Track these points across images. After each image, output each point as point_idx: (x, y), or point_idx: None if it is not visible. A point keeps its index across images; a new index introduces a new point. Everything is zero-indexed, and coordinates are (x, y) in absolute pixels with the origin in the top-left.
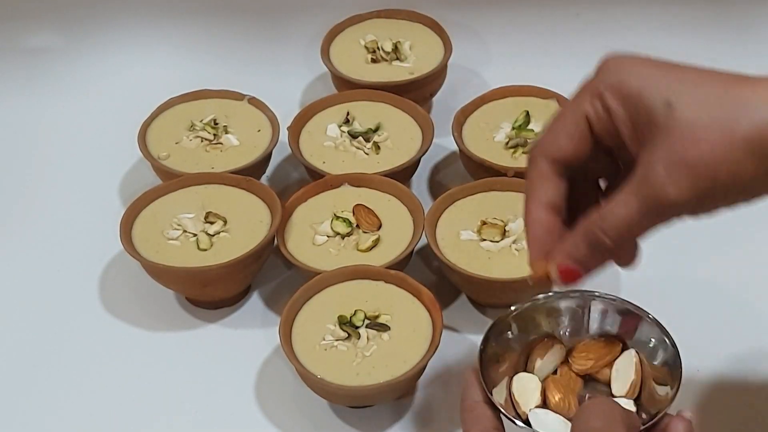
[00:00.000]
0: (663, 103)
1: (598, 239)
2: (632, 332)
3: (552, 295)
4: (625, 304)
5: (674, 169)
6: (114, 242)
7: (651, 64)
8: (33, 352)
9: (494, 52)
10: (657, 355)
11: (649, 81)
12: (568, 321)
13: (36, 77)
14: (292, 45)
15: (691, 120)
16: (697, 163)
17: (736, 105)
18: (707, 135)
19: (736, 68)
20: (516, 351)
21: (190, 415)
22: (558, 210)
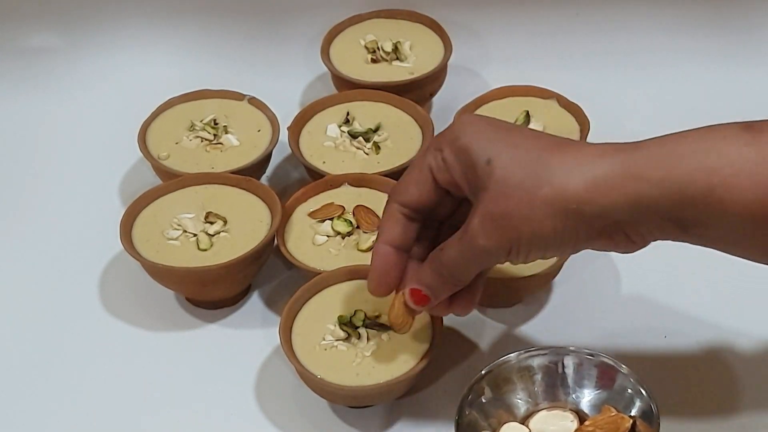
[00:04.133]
0: (484, 160)
1: (439, 271)
2: (610, 384)
3: (524, 353)
4: (600, 357)
5: (485, 222)
6: (114, 242)
7: (486, 124)
8: (33, 352)
9: (494, 52)
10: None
11: (477, 138)
12: (542, 378)
13: (36, 77)
14: (292, 45)
15: (503, 178)
16: (503, 219)
17: (542, 169)
18: (514, 194)
19: (735, 68)
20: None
21: (190, 415)
22: (403, 248)
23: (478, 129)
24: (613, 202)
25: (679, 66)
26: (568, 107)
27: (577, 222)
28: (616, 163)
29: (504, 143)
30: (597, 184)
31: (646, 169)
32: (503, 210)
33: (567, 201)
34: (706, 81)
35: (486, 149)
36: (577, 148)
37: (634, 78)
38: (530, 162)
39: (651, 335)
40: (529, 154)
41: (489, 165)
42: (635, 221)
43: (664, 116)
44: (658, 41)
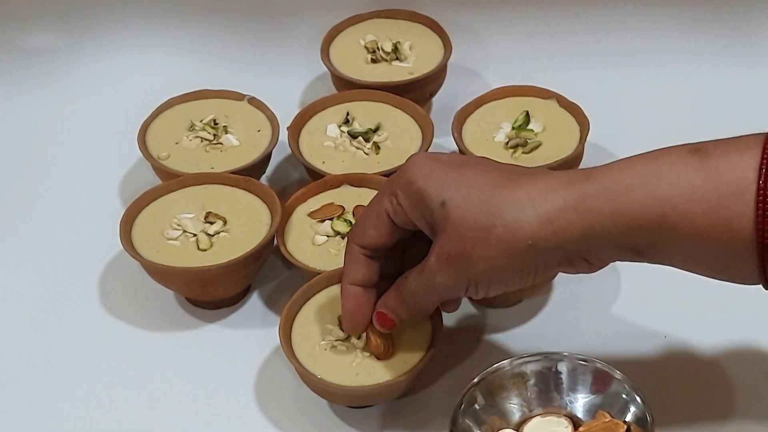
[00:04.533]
0: (439, 203)
1: (403, 299)
2: (603, 390)
3: (517, 359)
4: (594, 363)
5: (441, 261)
6: (114, 242)
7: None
8: (33, 352)
9: (494, 52)
10: (628, 411)
11: (430, 181)
12: (536, 383)
13: (36, 77)
14: (292, 45)
15: (458, 219)
16: (459, 258)
17: (495, 207)
18: (468, 234)
19: (735, 68)
20: (488, 420)
21: (190, 415)
22: (369, 284)
23: (430, 171)
24: (568, 237)
25: (679, 66)
26: (568, 107)
27: (533, 257)
28: (567, 196)
29: (456, 184)
30: (550, 220)
31: (597, 201)
32: (459, 250)
33: (521, 239)
34: (706, 81)
35: (440, 192)
36: (530, 182)
37: (634, 78)
38: (483, 201)
39: (651, 336)
40: (483, 193)
41: (443, 207)
42: (591, 249)
43: (663, 116)
44: (658, 41)
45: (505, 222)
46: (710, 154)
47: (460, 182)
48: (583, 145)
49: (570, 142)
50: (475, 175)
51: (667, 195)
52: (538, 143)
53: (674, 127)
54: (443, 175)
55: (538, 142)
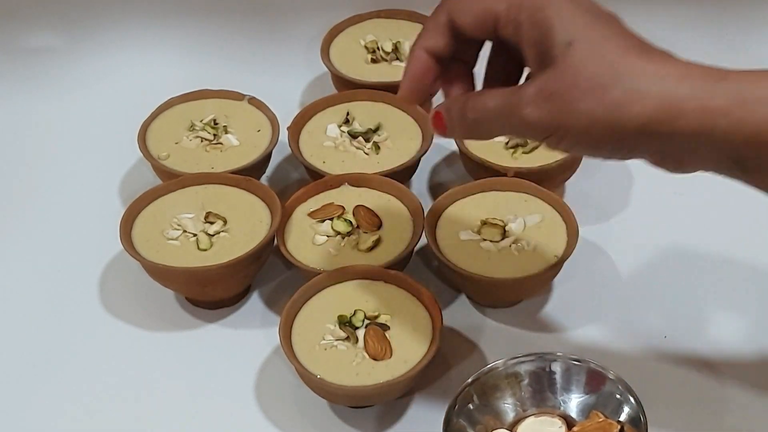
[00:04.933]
0: (565, 41)
1: (464, 110)
2: (597, 390)
3: (511, 360)
4: (587, 363)
5: (541, 96)
6: (114, 242)
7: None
8: (33, 352)
9: None
10: (621, 411)
11: (561, 15)
12: (530, 384)
13: (36, 77)
14: (292, 45)
15: (578, 64)
16: (562, 101)
17: (621, 70)
18: (584, 84)
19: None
20: (482, 420)
21: (190, 414)
22: (438, 58)
23: (566, 5)
24: (682, 129)
25: None
26: None
27: (636, 137)
28: (698, 90)
29: (589, 30)
30: (672, 107)
31: (726, 103)
32: (565, 94)
33: (635, 114)
34: None
35: (569, 30)
36: (663, 60)
37: None
38: (611, 58)
39: (651, 335)
40: (614, 49)
41: (568, 47)
42: (697, 150)
43: None
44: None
45: (626, 89)
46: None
47: (594, 30)
48: None
49: None
50: (609, 29)
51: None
52: (538, 143)
53: None
54: (577, 16)
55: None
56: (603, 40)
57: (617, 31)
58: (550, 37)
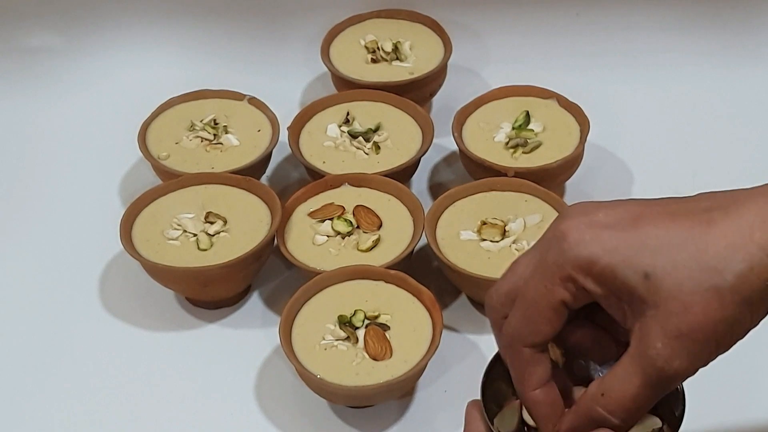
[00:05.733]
0: (641, 277)
1: (603, 418)
2: None
3: None
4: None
5: (674, 342)
6: (114, 242)
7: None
8: (33, 352)
9: (494, 52)
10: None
11: (618, 255)
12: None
13: (36, 77)
14: (292, 45)
15: (675, 289)
16: (695, 331)
17: (713, 257)
18: (696, 300)
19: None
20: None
21: (190, 415)
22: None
23: (607, 242)
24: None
25: (679, 66)
26: (568, 107)
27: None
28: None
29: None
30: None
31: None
32: (692, 322)
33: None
34: (706, 81)
35: (635, 264)
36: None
37: (634, 78)
38: (694, 257)
39: None
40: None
41: (648, 280)
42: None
43: (664, 116)
44: (658, 41)
45: (734, 271)
46: None
47: (650, 244)
48: (583, 145)
49: (570, 142)
50: (657, 229)
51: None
52: (538, 143)
53: (674, 127)
54: (625, 242)
55: (538, 142)
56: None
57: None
58: (621, 283)
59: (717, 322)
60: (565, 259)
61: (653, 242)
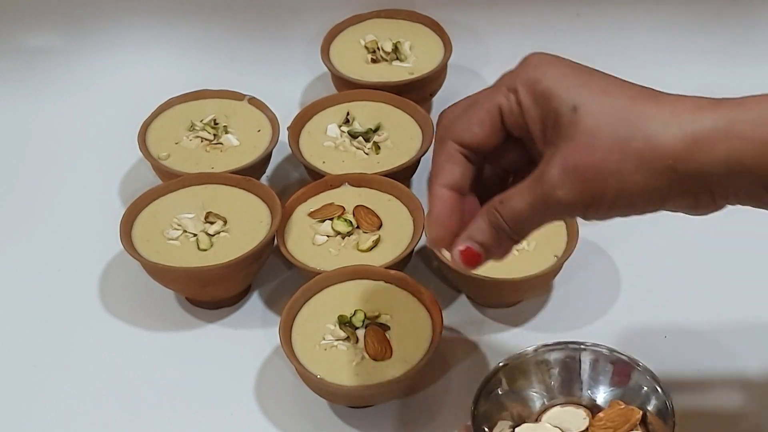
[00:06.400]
0: (570, 107)
1: (498, 223)
2: (625, 381)
3: (542, 347)
4: (615, 353)
5: (567, 173)
6: (114, 242)
7: (568, 66)
8: (33, 352)
9: (494, 52)
10: (649, 403)
11: (561, 83)
12: (559, 372)
13: (36, 77)
14: (292, 45)
15: (591, 128)
16: (589, 170)
17: (636, 119)
18: (604, 145)
19: (736, 68)
20: (509, 406)
21: (190, 415)
22: (460, 190)
23: (560, 72)
24: (711, 161)
25: (680, 66)
26: None
27: (669, 180)
28: (717, 119)
29: (591, 89)
30: (696, 140)
31: (750, 128)
32: (589, 161)
33: (661, 156)
34: (706, 81)
35: (571, 95)
36: (673, 99)
37: (634, 78)
38: (622, 111)
39: (651, 335)
40: (621, 101)
41: (575, 113)
42: (728, 182)
43: None
44: (658, 41)
45: (646, 135)
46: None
47: (595, 88)
48: None
49: None
50: (610, 82)
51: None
52: None
53: None
54: (575, 77)
55: None
56: (607, 95)
57: (618, 83)
58: (553, 107)
59: (611, 171)
60: (518, 74)
61: (595, 87)
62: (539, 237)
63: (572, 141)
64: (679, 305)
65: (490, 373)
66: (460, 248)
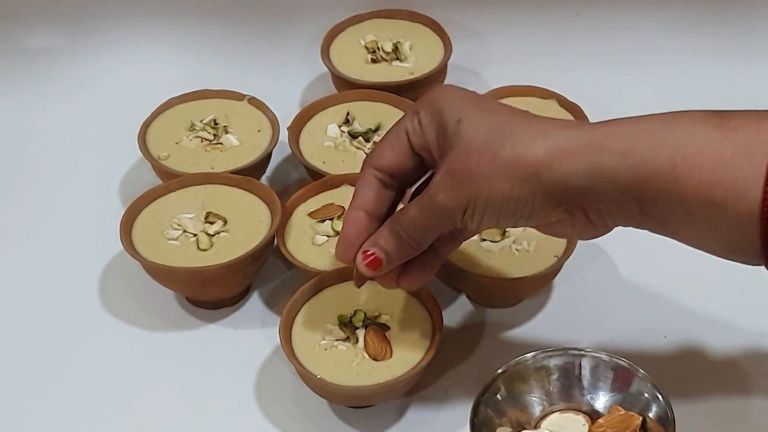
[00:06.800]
0: (455, 120)
1: (398, 231)
2: (625, 387)
3: (541, 353)
4: (615, 360)
5: (446, 178)
6: (114, 242)
7: (462, 91)
8: (33, 352)
9: (494, 52)
10: (649, 409)
11: (452, 101)
12: (558, 378)
13: (36, 77)
14: (292, 45)
15: (470, 137)
16: (463, 175)
17: (508, 132)
18: (477, 152)
19: (736, 68)
20: (508, 413)
21: (190, 414)
22: (375, 215)
23: (453, 94)
24: (572, 170)
25: (679, 66)
26: (568, 107)
27: (534, 187)
28: (580, 134)
29: (476, 106)
30: (558, 151)
31: (610, 140)
32: (464, 167)
33: (525, 165)
34: (706, 81)
35: (458, 111)
36: (546, 119)
37: (634, 78)
38: (497, 125)
39: (651, 335)
40: (499, 117)
41: (458, 124)
42: (594, 194)
43: None
44: (658, 41)
45: (515, 146)
46: (731, 116)
47: (479, 107)
48: None
49: None
50: (494, 105)
51: (680, 143)
52: None
53: None
54: (464, 99)
55: None
56: (488, 111)
57: (502, 105)
58: (444, 121)
59: (482, 177)
60: (422, 100)
61: (480, 105)
62: (539, 237)
63: (454, 150)
64: (679, 305)
65: (489, 380)
66: (363, 252)
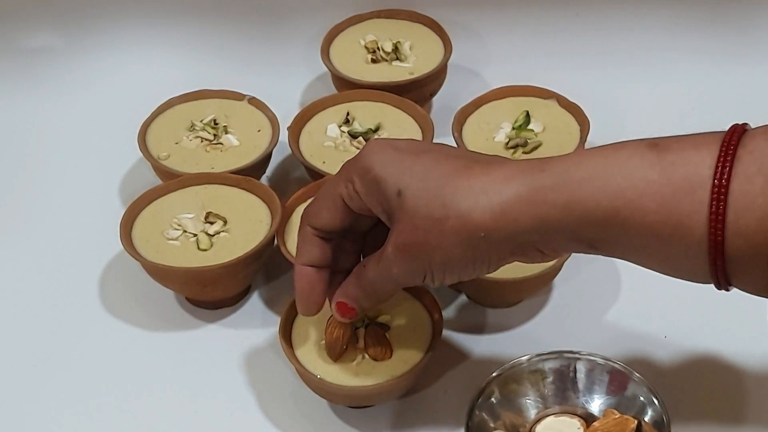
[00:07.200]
0: (395, 192)
1: (362, 284)
2: (621, 391)
3: (535, 356)
4: (611, 363)
5: (397, 252)
6: (114, 242)
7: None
8: (33, 352)
9: (494, 52)
10: (645, 413)
11: (387, 169)
12: (553, 381)
13: (36, 77)
14: (292, 45)
15: (413, 210)
16: (414, 247)
17: (449, 198)
18: (423, 224)
19: (736, 68)
20: (503, 416)
21: (190, 415)
22: (322, 266)
23: (387, 158)
24: (520, 228)
25: (679, 66)
26: (568, 107)
27: (487, 247)
28: (521, 187)
29: (412, 172)
30: (503, 211)
31: (551, 193)
32: (413, 241)
33: (474, 230)
34: (706, 81)
35: (396, 180)
36: (485, 171)
37: (634, 78)
38: (437, 190)
39: (651, 335)
40: (437, 182)
41: (400, 197)
42: (545, 240)
43: (664, 116)
44: (658, 41)
45: (458, 212)
46: (668, 149)
47: (416, 171)
48: (583, 145)
49: (570, 142)
50: (431, 164)
51: (620, 188)
52: (538, 143)
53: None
54: (400, 164)
55: (538, 142)
56: (426, 177)
57: (440, 158)
58: (383, 193)
59: (434, 247)
60: (354, 164)
61: (419, 169)
62: None
63: (400, 222)
64: (679, 305)
65: (484, 384)
66: (336, 303)
